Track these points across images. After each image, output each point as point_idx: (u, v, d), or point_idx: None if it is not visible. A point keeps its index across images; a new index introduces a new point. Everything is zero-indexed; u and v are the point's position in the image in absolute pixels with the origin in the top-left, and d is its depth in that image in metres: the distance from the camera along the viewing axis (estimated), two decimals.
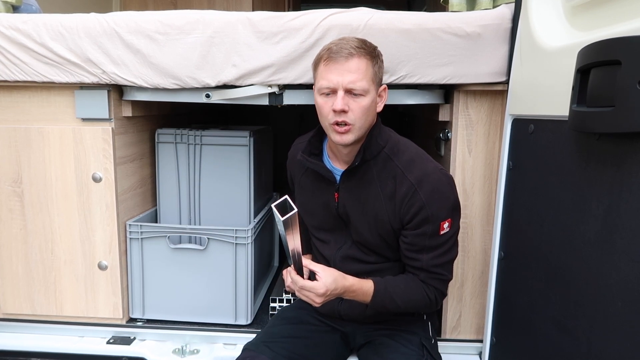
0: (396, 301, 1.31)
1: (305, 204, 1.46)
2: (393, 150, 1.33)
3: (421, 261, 1.31)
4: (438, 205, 1.27)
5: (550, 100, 1.11)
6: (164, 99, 1.65)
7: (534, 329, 1.15)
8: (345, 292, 1.28)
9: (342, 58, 1.22)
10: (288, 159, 1.55)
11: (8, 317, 1.79)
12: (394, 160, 1.31)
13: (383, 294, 1.31)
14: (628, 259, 0.79)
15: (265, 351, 1.36)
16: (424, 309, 1.39)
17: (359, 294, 1.31)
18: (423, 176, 1.28)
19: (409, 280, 1.34)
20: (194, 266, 1.77)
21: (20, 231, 1.73)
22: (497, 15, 1.51)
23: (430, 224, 1.27)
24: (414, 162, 1.31)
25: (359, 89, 1.21)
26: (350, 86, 1.21)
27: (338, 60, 1.22)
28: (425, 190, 1.26)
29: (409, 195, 1.27)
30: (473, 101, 1.58)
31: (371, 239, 1.36)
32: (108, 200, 1.69)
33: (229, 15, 1.55)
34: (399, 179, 1.29)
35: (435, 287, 1.33)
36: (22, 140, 1.68)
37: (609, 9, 0.97)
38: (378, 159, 1.32)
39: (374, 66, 1.25)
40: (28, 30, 1.57)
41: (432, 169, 1.30)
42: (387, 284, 1.32)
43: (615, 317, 0.82)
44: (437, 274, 1.32)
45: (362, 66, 1.22)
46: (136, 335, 1.77)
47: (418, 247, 1.30)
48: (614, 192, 0.84)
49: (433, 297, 1.33)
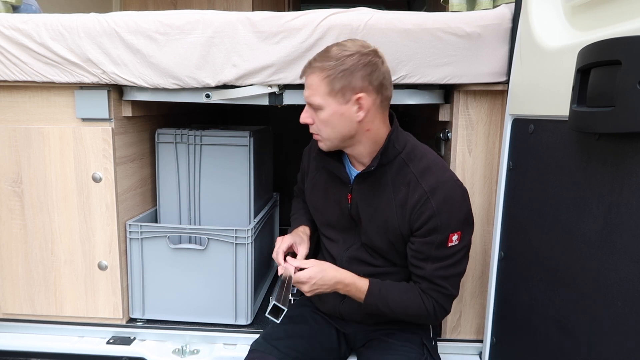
0: (390, 306, 1.31)
1: (316, 201, 1.47)
2: (409, 155, 1.31)
3: (425, 270, 1.29)
4: (448, 216, 1.25)
5: (550, 100, 1.11)
6: (164, 99, 1.65)
7: (534, 329, 1.15)
8: (336, 285, 1.29)
9: (304, 74, 1.27)
10: (304, 154, 1.56)
11: (8, 317, 1.79)
12: (410, 166, 1.30)
13: (377, 296, 1.31)
14: (628, 259, 0.79)
15: (272, 351, 1.36)
16: (420, 320, 1.38)
17: (352, 290, 1.31)
18: (437, 184, 1.26)
19: (408, 289, 1.33)
20: (194, 266, 1.77)
21: (20, 231, 1.73)
22: (497, 15, 1.51)
23: (439, 233, 1.25)
24: (430, 169, 1.29)
25: (314, 104, 1.25)
26: (307, 101, 1.27)
27: (303, 73, 1.28)
28: (438, 199, 1.25)
29: (420, 203, 1.26)
30: (473, 101, 1.58)
31: (380, 243, 1.35)
32: (108, 200, 1.69)
33: (229, 15, 1.55)
34: (413, 185, 1.28)
35: (436, 299, 1.30)
36: (22, 140, 1.68)
37: (609, 9, 0.97)
38: (394, 164, 1.31)
39: (328, 79, 1.21)
40: (28, 30, 1.57)
41: (447, 178, 1.29)
42: (382, 287, 1.32)
43: (615, 317, 0.82)
44: (439, 286, 1.29)
45: (315, 81, 1.24)
46: (136, 336, 1.77)
47: (424, 256, 1.29)
48: (614, 192, 0.84)
49: (431, 310, 1.30)
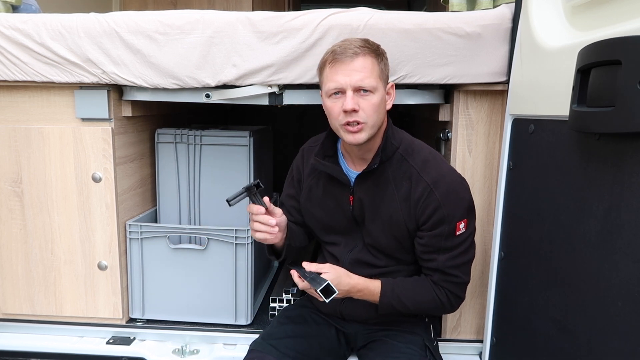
0: (404, 302, 1.32)
1: (313, 207, 1.45)
2: (407, 150, 1.33)
3: (437, 262, 1.31)
4: (454, 206, 1.27)
5: (551, 100, 1.11)
6: (164, 99, 1.65)
7: (534, 329, 1.14)
8: (350, 291, 1.29)
9: (348, 58, 1.22)
10: (297, 160, 1.53)
11: (8, 317, 1.79)
12: (409, 160, 1.32)
13: (390, 295, 1.32)
14: (628, 259, 0.79)
15: (271, 351, 1.36)
16: (436, 312, 1.40)
17: (366, 294, 1.32)
18: (439, 177, 1.28)
19: (419, 282, 1.34)
20: (194, 266, 1.77)
21: (20, 231, 1.73)
22: (497, 15, 1.51)
23: (446, 224, 1.27)
24: (428, 162, 1.31)
25: (367, 87, 1.22)
26: (358, 84, 1.21)
27: (344, 60, 1.22)
28: (441, 191, 1.27)
29: (424, 196, 1.27)
30: (473, 101, 1.58)
31: (384, 240, 1.35)
32: (108, 200, 1.69)
33: (229, 15, 1.55)
34: (415, 179, 1.30)
35: (449, 290, 1.32)
36: (22, 140, 1.68)
37: (609, 9, 0.97)
38: (393, 160, 1.33)
39: (379, 63, 1.26)
40: (28, 30, 1.57)
41: (447, 170, 1.32)
42: (394, 285, 1.33)
43: (615, 317, 0.82)
44: (452, 276, 1.31)
45: (368, 64, 1.23)
46: (136, 336, 1.77)
47: (434, 248, 1.30)
48: (614, 192, 0.84)
49: (445, 300, 1.33)
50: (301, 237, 1.53)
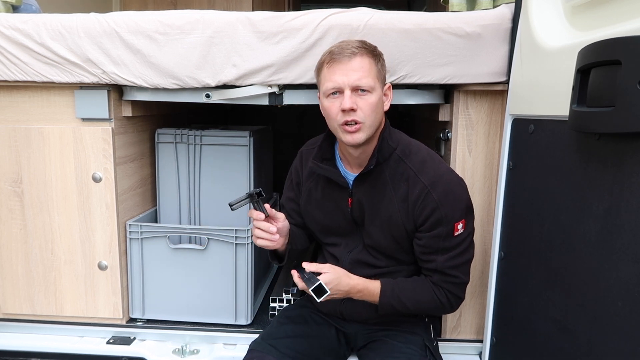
0: (404, 302, 1.32)
1: (312, 210, 1.46)
2: (404, 151, 1.33)
3: (436, 262, 1.31)
4: (451, 207, 1.27)
5: (550, 100, 1.11)
6: (164, 99, 1.65)
7: (534, 329, 1.14)
8: (350, 291, 1.29)
9: (345, 58, 1.22)
10: (295, 163, 1.53)
11: (8, 317, 1.79)
12: (406, 161, 1.32)
13: (390, 295, 1.32)
14: (628, 259, 0.79)
15: (271, 351, 1.36)
16: (436, 312, 1.40)
17: (366, 294, 1.32)
18: (436, 177, 1.28)
19: (419, 282, 1.35)
20: (194, 266, 1.77)
21: (20, 231, 1.73)
22: (497, 15, 1.51)
23: (444, 225, 1.27)
24: (426, 163, 1.31)
25: (365, 86, 1.22)
26: (356, 84, 1.22)
27: (341, 60, 1.23)
28: (439, 192, 1.27)
29: (422, 197, 1.28)
30: (473, 101, 1.58)
31: (384, 241, 1.36)
32: (108, 200, 1.69)
33: (229, 15, 1.55)
34: (412, 180, 1.30)
35: (449, 290, 1.33)
36: (22, 140, 1.68)
37: (609, 9, 0.97)
38: (390, 161, 1.33)
39: (377, 64, 1.26)
40: (28, 30, 1.57)
41: (444, 170, 1.32)
42: (394, 286, 1.33)
43: (615, 317, 0.82)
44: (451, 276, 1.31)
45: (366, 64, 1.23)
46: (136, 335, 1.77)
47: (432, 249, 1.31)
48: (614, 192, 0.84)
49: (445, 300, 1.33)
50: (302, 239, 1.54)
